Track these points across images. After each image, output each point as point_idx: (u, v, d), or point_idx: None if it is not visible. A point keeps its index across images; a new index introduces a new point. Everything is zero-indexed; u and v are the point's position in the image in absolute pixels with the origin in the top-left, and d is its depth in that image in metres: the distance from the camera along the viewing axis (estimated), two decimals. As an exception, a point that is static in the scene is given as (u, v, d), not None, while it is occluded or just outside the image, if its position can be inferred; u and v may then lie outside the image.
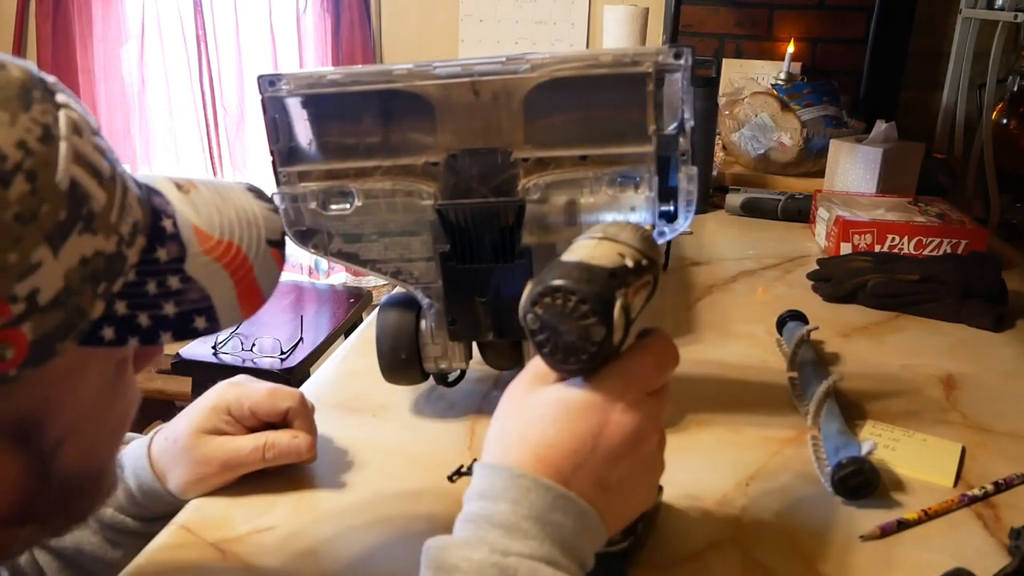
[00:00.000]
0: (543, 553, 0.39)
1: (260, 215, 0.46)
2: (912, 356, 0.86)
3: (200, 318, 0.41)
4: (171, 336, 0.40)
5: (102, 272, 0.37)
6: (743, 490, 0.62)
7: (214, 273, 0.42)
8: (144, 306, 0.39)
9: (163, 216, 0.41)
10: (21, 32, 2.65)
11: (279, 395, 0.62)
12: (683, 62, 0.59)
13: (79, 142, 0.36)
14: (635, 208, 0.63)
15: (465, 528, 0.40)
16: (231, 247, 0.43)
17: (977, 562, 0.53)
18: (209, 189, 0.45)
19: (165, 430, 0.62)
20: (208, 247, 0.42)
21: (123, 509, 0.62)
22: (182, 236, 0.41)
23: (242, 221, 0.44)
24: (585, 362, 0.42)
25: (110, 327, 0.38)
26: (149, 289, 0.39)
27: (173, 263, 0.40)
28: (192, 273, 0.41)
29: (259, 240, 0.45)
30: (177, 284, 0.40)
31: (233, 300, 0.42)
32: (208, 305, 0.41)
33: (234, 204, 0.45)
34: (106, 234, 0.37)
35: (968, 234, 1.09)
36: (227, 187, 0.46)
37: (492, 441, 0.44)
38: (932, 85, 1.94)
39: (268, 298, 0.44)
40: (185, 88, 2.63)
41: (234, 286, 0.43)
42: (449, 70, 0.60)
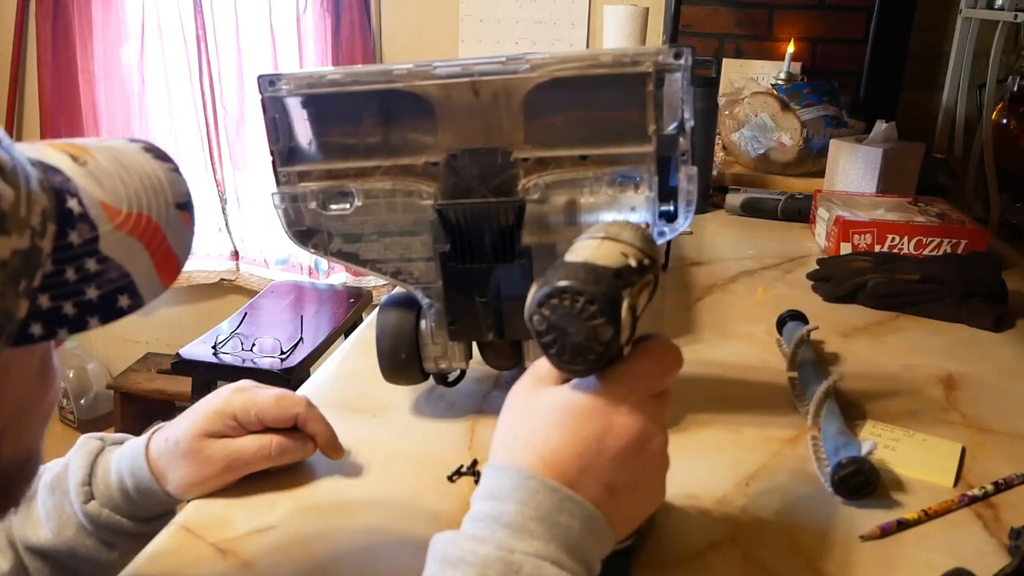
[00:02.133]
0: (548, 553, 0.39)
1: (164, 179, 0.44)
2: (912, 356, 0.86)
3: (123, 296, 0.39)
4: (98, 320, 0.38)
5: (21, 270, 0.36)
6: (743, 490, 0.62)
7: (129, 248, 0.40)
8: (67, 295, 0.38)
9: (67, 196, 0.39)
10: (21, 32, 2.65)
11: (286, 401, 0.62)
12: (683, 62, 0.59)
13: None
14: (635, 208, 0.63)
15: (472, 527, 0.41)
16: (141, 218, 0.41)
17: (977, 562, 0.53)
18: (106, 156, 0.43)
19: (165, 431, 0.62)
20: (119, 222, 0.40)
21: (118, 509, 0.61)
22: (91, 215, 0.39)
23: (147, 189, 0.42)
24: (592, 362, 0.42)
25: (37, 323, 0.36)
26: (68, 276, 0.38)
27: (87, 244, 0.39)
28: (107, 252, 0.39)
29: (167, 206, 0.43)
30: (95, 266, 0.38)
31: (151, 272, 0.41)
32: (129, 281, 0.40)
33: (136, 172, 0.43)
34: (19, 231, 0.35)
35: (968, 234, 1.09)
36: (124, 151, 0.44)
37: (498, 445, 0.44)
38: (932, 85, 1.94)
39: (184, 263, 0.43)
40: (185, 88, 2.63)
41: (150, 257, 0.41)
42: (449, 70, 0.60)
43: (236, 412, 0.61)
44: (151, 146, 0.46)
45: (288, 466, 0.63)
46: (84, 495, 0.61)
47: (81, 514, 0.61)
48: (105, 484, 0.61)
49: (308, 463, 0.64)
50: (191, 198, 0.45)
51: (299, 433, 0.63)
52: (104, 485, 0.61)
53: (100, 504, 0.61)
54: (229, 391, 0.62)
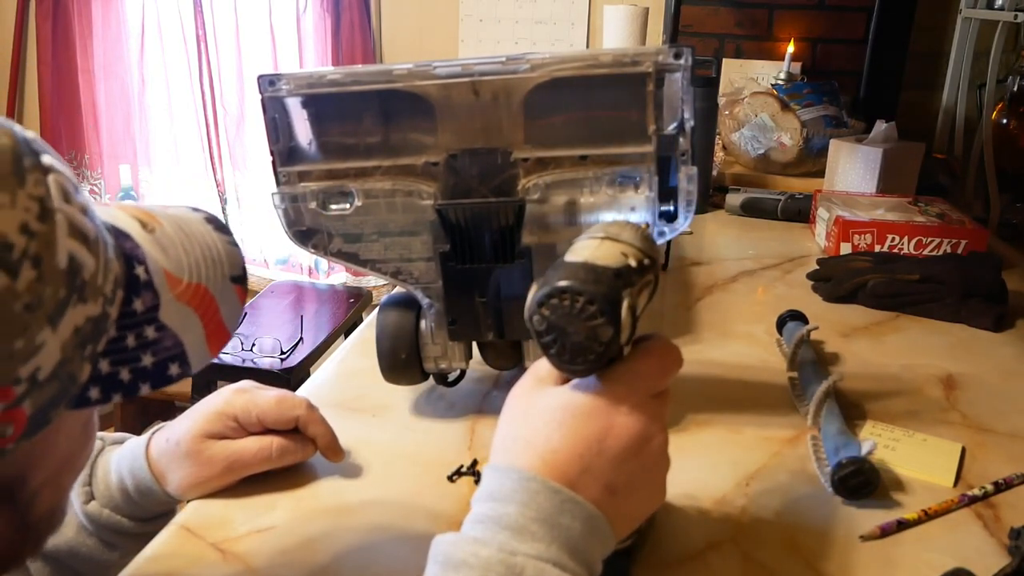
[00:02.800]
0: (550, 555, 0.39)
1: (223, 251, 0.45)
2: (912, 356, 0.86)
3: (174, 365, 0.40)
4: (148, 387, 0.39)
5: (90, 336, 0.36)
6: (743, 490, 0.62)
7: (185, 318, 0.41)
8: (125, 361, 0.38)
9: (135, 263, 0.40)
10: (21, 32, 2.65)
11: (287, 403, 0.62)
12: (683, 62, 0.59)
13: (70, 210, 0.35)
14: (635, 208, 0.63)
15: (474, 529, 0.41)
16: (199, 289, 0.42)
17: (977, 562, 0.53)
18: (172, 224, 0.44)
19: (166, 431, 0.62)
20: (179, 292, 0.41)
21: (118, 509, 0.61)
22: (155, 283, 0.40)
23: (207, 260, 0.44)
24: (592, 362, 0.42)
25: (95, 387, 0.37)
26: (128, 343, 0.39)
27: (148, 312, 0.40)
28: (166, 321, 0.40)
29: (223, 278, 0.44)
30: (153, 334, 0.39)
31: (202, 342, 0.42)
32: (181, 351, 0.41)
33: (198, 242, 0.44)
34: (95, 298, 0.36)
35: (968, 234, 1.09)
36: (188, 220, 0.45)
37: (498, 446, 0.44)
38: (932, 85, 1.94)
39: (233, 334, 0.44)
40: (185, 88, 2.63)
41: (203, 328, 0.42)
42: (449, 70, 0.60)
43: (237, 413, 0.61)
44: (212, 217, 0.47)
45: (288, 466, 0.63)
46: (84, 495, 0.61)
47: (81, 514, 0.61)
48: (105, 484, 0.61)
49: (308, 463, 0.64)
50: (246, 272, 0.46)
51: (300, 435, 0.63)
52: (104, 485, 0.61)
53: (100, 504, 0.61)
54: (230, 392, 0.62)
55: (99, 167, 2.73)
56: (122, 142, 2.71)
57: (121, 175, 2.72)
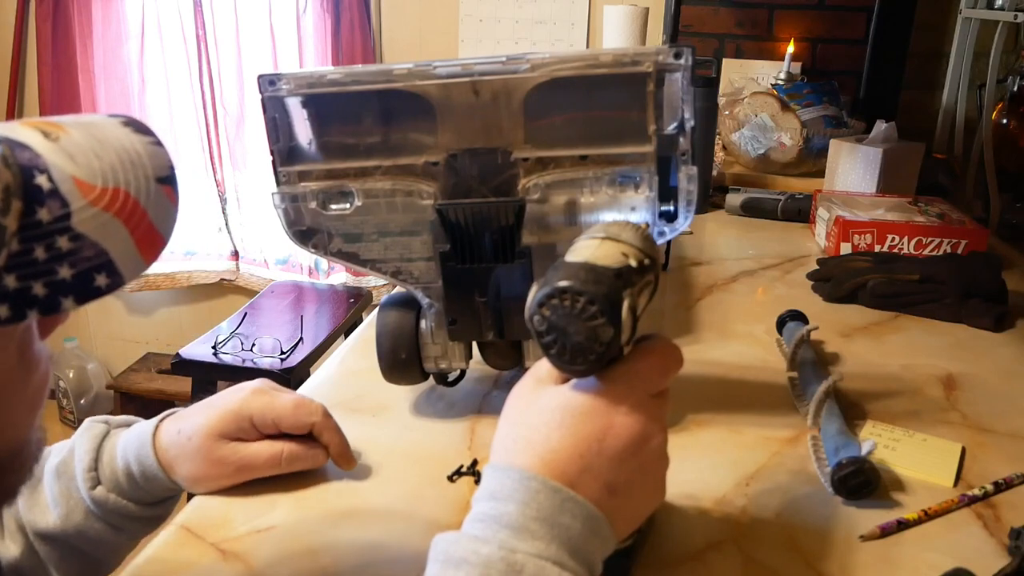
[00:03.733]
0: (550, 554, 0.39)
1: (144, 152, 0.42)
2: (912, 356, 0.86)
3: (100, 275, 0.38)
4: (73, 300, 0.37)
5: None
6: (743, 490, 0.62)
7: (105, 225, 0.39)
8: (36, 274, 0.36)
9: (36, 172, 0.38)
10: (21, 32, 2.65)
11: (304, 409, 0.61)
12: (683, 62, 0.59)
13: None
14: (635, 208, 0.63)
15: (474, 527, 0.41)
16: (118, 194, 0.40)
17: (977, 562, 0.53)
18: (81, 131, 0.41)
19: (178, 421, 0.61)
20: (92, 197, 0.39)
21: (124, 494, 0.61)
22: (62, 191, 0.38)
23: (125, 163, 0.41)
24: (593, 362, 0.42)
25: (3, 304, 0.35)
26: (38, 255, 0.36)
27: (58, 222, 0.37)
28: (81, 229, 0.38)
29: (147, 180, 0.41)
30: (67, 244, 0.37)
31: (132, 249, 0.40)
32: (106, 259, 0.38)
33: (113, 146, 0.41)
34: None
35: (968, 234, 1.09)
36: (101, 125, 0.43)
37: (498, 446, 0.44)
38: (932, 85, 1.94)
39: (168, 240, 0.42)
40: (185, 88, 2.63)
41: (130, 234, 0.40)
42: (449, 70, 0.60)
43: (254, 415, 0.60)
44: (131, 120, 0.44)
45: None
46: (90, 481, 0.61)
47: (88, 500, 0.61)
48: (111, 469, 0.61)
49: (308, 463, 0.64)
50: (174, 172, 0.43)
51: (312, 441, 0.63)
52: (110, 470, 0.61)
53: (107, 489, 0.61)
54: (248, 392, 0.62)
55: (99, 167, 2.73)
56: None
57: (121, 175, 2.72)
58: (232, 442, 0.60)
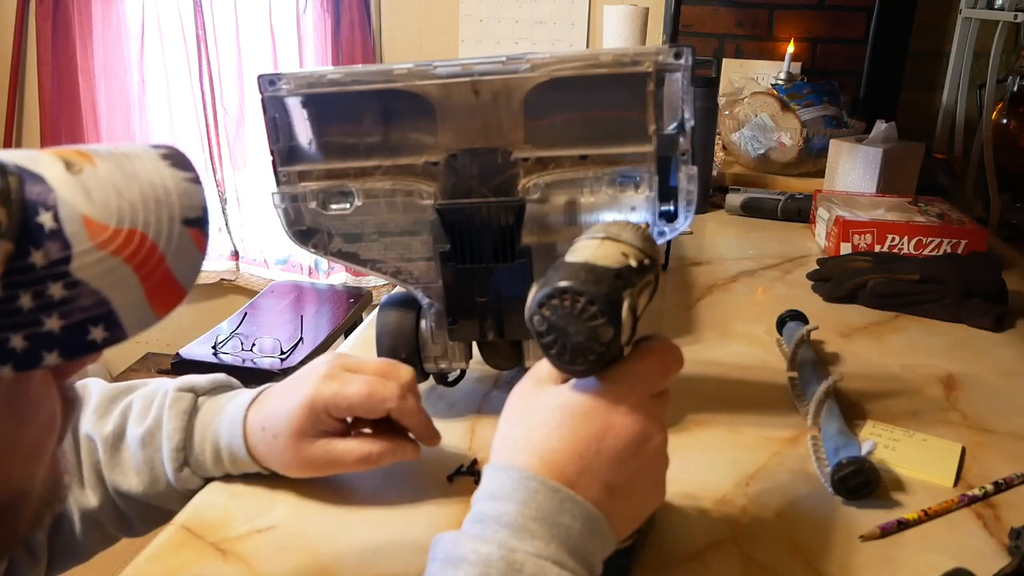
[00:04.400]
0: (549, 553, 0.39)
1: (174, 189, 0.38)
2: (912, 356, 0.86)
3: (97, 328, 0.34)
4: (58, 355, 0.34)
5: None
6: (743, 490, 0.62)
7: (112, 271, 0.35)
8: (16, 325, 0.33)
9: (41, 209, 0.34)
10: (21, 32, 2.65)
11: (378, 396, 0.58)
12: (683, 62, 0.59)
13: None
14: (635, 208, 0.63)
15: (473, 527, 0.41)
16: (133, 236, 0.36)
17: (977, 562, 0.53)
18: (111, 163, 0.38)
19: (262, 415, 0.60)
20: (102, 240, 0.35)
21: (208, 475, 0.62)
22: (66, 232, 0.34)
23: (148, 201, 0.37)
24: (593, 363, 0.42)
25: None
26: (22, 303, 0.33)
27: (54, 266, 0.34)
28: (80, 275, 0.34)
29: (171, 222, 0.37)
30: (61, 291, 0.34)
31: (141, 299, 0.36)
32: (107, 310, 0.35)
33: (140, 181, 0.38)
34: None
35: (968, 234, 1.09)
36: (136, 156, 0.39)
37: (498, 446, 0.44)
38: (932, 85, 1.94)
39: (189, 290, 0.38)
40: (185, 88, 2.63)
41: (140, 282, 0.36)
42: (449, 70, 0.60)
43: (328, 407, 0.58)
44: (172, 152, 0.41)
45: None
46: (178, 461, 0.61)
47: (172, 478, 0.62)
48: (200, 451, 0.62)
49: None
50: (206, 213, 0.39)
51: (400, 433, 0.61)
52: (199, 451, 0.62)
53: (192, 471, 0.62)
54: (320, 380, 0.58)
55: (99, 167, 2.73)
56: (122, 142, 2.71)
57: (121, 175, 2.72)
58: (319, 439, 0.58)
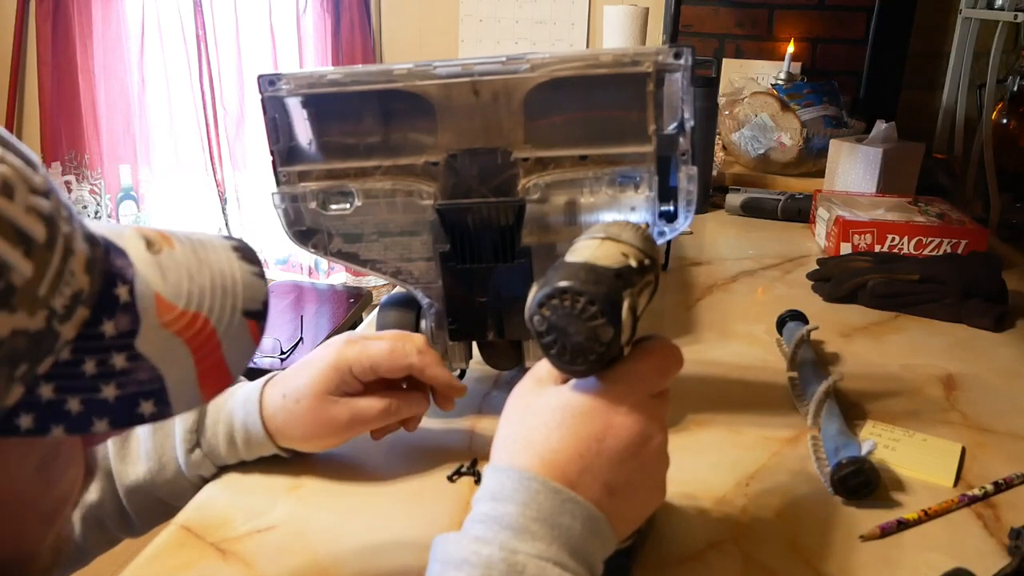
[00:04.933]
0: (551, 554, 0.39)
1: (240, 280, 0.40)
2: (912, 356, 0.86)
3: (147, 402, 0.35)
4: (107, 424, 0.34)
5: (22, 353, 0.32)
6: (743, 490, 0.62)
7: (172, 349, 0.36)
8: (76, 389, 0.34)
9: (119, 282, 0.36)
10: (21, 32, 2.65)
11: (399, 352, 0.60)
12: (683, 62, 0.59)
13: (8, 206, 0.31)
14: (635, 208, 0.63)
15: (474, 528, 0.41)
16: (196, 319, 0.38)
17: (977, 562, 0.53)
18: (187, 248, 0.40)
19: (280, 385, 0.61)
20: (168, 319, 0.37)
21: (218, 459, 0.62)
22: (138, 307, 0.36)
23: (216, 288, 0.39)
24: (593, 363, 0.42)
25: (29, 414, 0.33)
26: (86, 369, 0.34)
27: (121, 338, 0.35)
28: (143, 350, 0.36)
29: (233, 311, 0.39)
30: (123, 363, 0.35)
31: (192, 380, 0.37)
32: (159, 387, 0.36)
33: (211, 268, 0.40)
34: (30, 310, 0.32)
35: (968, 234, 1.09)
36: (209, 245, 0.41)
37: (499, 446, 0.44)
38: (932, 85, 1.94)
39: (236, 379, 0.39)
40: (185, 88, 2.63)
41: (195, 364, 0.37)
42: (449, 70, 0.60)
43: (352, 366, 0.59)
44: (242, 246, 0.43)
45: (287, 464, 0.63)
46: (190, 442, 0.62)
47: (183, 461, 0.62)
48: (213, 432, 0.62)
49: (308, 463, 0.64)
50: (266, 308, 0.41)
51: (415, 388, 0.62)
52: (212, 433, 0.62)
53: (203, 453, 0.62)
54: (342, 344, 0.61)
55: (99, 167, 2.73)
56: (122, 142, 2.71)
57: (121, 175, 2.72)
58: (340, 398, 0.60)
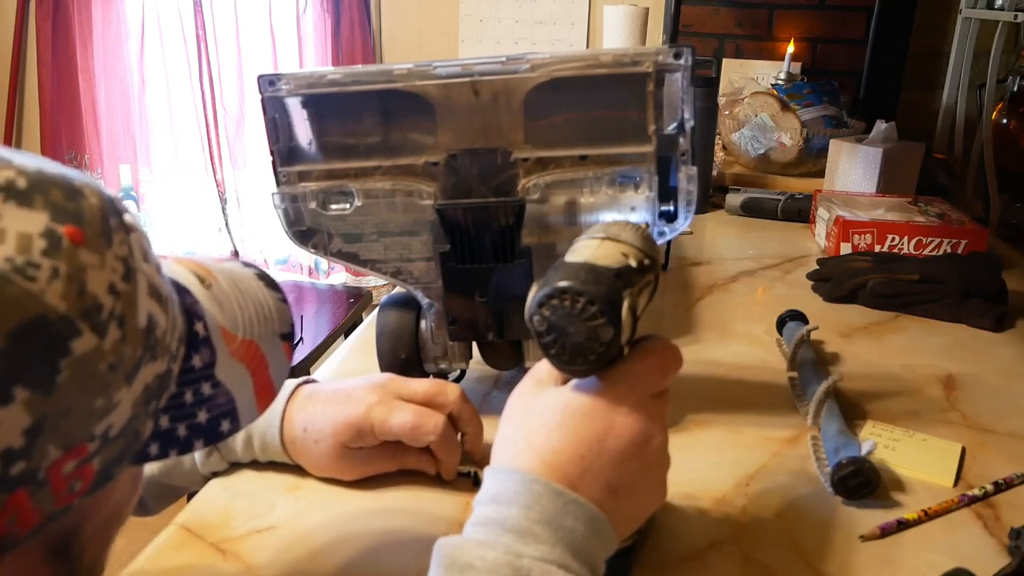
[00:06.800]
0: (555, 557, 0.39)
1: (273, 308, 0.46)
2: (912, 356, 0.86)
3: (226, 421, 0.41)
4: (202, 443, 0.39)
5: (156, 392, 0.37)
6: (743, 490, 0.62)
7: (238, 374, 0.41)
8: (182, 417, 0.39)
9: (195, 319, 0.40)
10: (21, 32, 2.65)
11: (422, 431, 0.59)
12: (683, 62, 0.59)
13: (148, 269, 0.36)
14: (635, 208, 0.63)
15: (476, 531, 0.40)
16: (252, 346, 0.43)
17: (977, 562, 0.53)
18: (227, 280, 0.44)
19: (303, 418, 0.61)
20: (233, 348, 0.41)
21: (235, 459, 0.63)
22: (212, 340, 0.40)
23: (260, 317, 0.44)
24: (593, 363, 0.42)
25: (155, 443, 0.38)
26: (187, 399, 0.39)
27: (206, 369, 0.40)
28: (220, 377, 0.40)
29: (273, 335, 0.45)
30: (209, 390, 0.40)
31: (252, 399, 0.42)
32: (232, 407, 0.41)
33: (252, 299, 0.45)
34: (163, 356, 0.36)
35: (968, 234, 1.09)
36: (241, 276, 0.46)
37: (499, 448, 0.44)
38: (932, 85, 1.94)
39: (279, 392, 0.45)
40: (185, 88, 2.63)
41: (253, 384, 0.42)
42: (449, 70, 0.60)
43: (375, 427, 0.60)
44: (263, 274, 0.47)
45: (288, 465, 0.63)
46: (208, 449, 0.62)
47: (199, 460, 0.63)
48: (232, 439, 0.62)
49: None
50: (294, 329, 0.46)
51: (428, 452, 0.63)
52: (231, 440, 0.62)
53: (220, 457, 0.63)
54: (374, 403, 0.60)
55: (99, 167, 2.73)
56: (122, 142, 2.71)
57: (121, 175, 2.72)
58: (358, 451, 0.61)
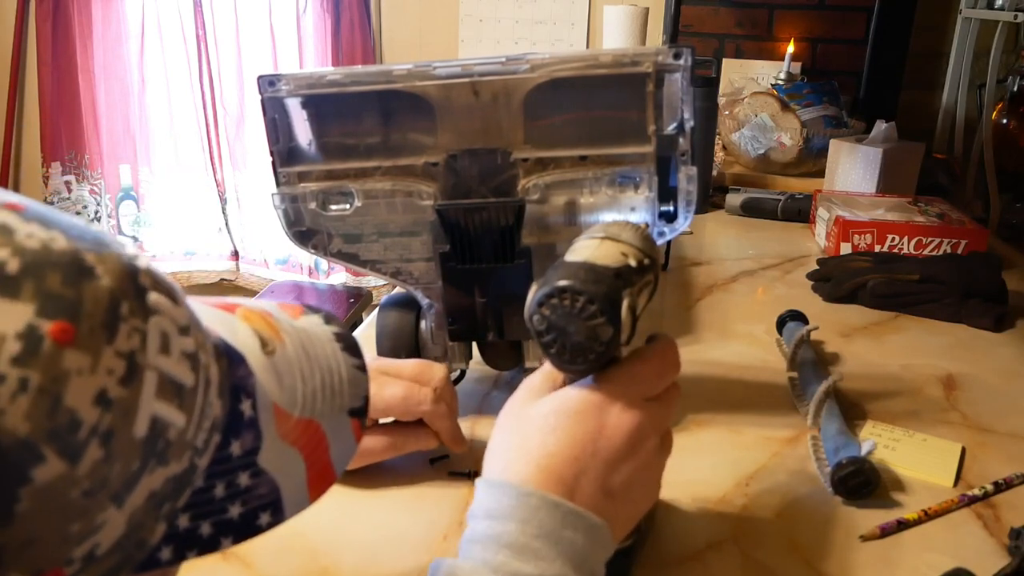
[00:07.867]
0: (554, 572, 0.38)
1: (346, 378, 0.39)
2: (912, 356, 0.86)
3: (265, 514, 0.34)
4: (231, 540, 0.33)
5: (170, 495, 0.31)
6: (743, 490, 0.62)
7: (288, 460, 0.35)
8: (208, 514, 0.33)
9: (243, 397, 0.34)
10: (21, 32, 2.65)
11: (414, 399, 0.59)
12: (683, 62, 0.59)
13: (165, 363, 0.29)
14: (635, 208, 0.63)
15: (472, 549, 0.39)
16: (310, 426, 0.36)
17: (977, 562, 0.53)
18: (295, 342, 0.38)
19: None
20: (286, 430, 0.35)
21: None
22: (260, 421, 0.34)
23: (326, 390, 0.38)
24: (592, 362, 0.42)
25: (169, 546, 0.32)
26: (216, 493, 0.33)
27: (246, 456, 0.34)
28: (264, 464, 0.34)
29: (340, 412, 0.38)
30: (247, 480, 0.33)
31: (303, 486, 0.36)
32: (276, 498, 0.35)
33: (320, 366, 0.38)
34: (179, 457, 0.30)
35: (968, 234, 1.09)
36: (315, 337, 0.39)
37: (492, 456, 0.43)
38: (932, 85, 1.94)
39: (339, 477, 0.38)
40: (185, 88, 2.63)
41: (306, 470, 0.36)
42: (449, 70, 0.60)
43: None
44: (344, 334, 0.41)
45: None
46: None
47: None
48: None
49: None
50: (367, 403, 0.40)
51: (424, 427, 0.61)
52: None
53: None
54: None
55: (99, 167, 2.73)
56: (122, 142, 2.71)
57: (121, 175, 2.73)
58: None
